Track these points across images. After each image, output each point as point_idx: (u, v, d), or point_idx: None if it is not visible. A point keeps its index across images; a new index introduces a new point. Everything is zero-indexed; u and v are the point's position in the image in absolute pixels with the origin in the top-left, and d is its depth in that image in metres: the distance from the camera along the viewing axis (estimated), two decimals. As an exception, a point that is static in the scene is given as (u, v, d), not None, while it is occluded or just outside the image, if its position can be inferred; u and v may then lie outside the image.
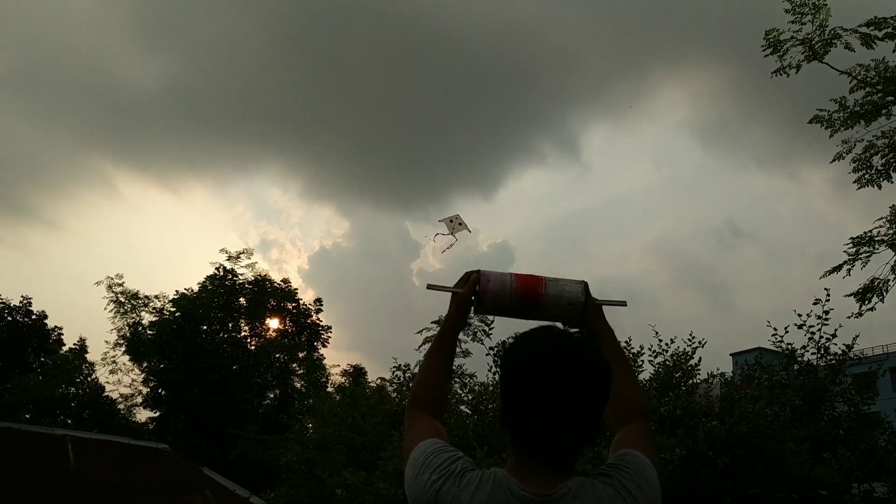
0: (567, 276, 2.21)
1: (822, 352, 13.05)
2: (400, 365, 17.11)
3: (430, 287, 2.22)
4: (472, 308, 2.17)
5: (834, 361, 12.90)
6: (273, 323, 35.60)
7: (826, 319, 12.81)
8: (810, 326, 12.87)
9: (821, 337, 12.96)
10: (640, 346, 15.03)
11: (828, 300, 12.53)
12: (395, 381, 17.02)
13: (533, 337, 1.74)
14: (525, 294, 2.12)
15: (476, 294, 2.13)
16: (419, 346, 29.01)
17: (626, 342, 15.04)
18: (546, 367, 1.65)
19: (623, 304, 2.23)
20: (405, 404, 2.25)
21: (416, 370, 15.26)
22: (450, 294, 2.16)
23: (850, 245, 9.62)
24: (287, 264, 70.09)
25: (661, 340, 14.24)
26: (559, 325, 1.83)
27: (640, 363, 14.66)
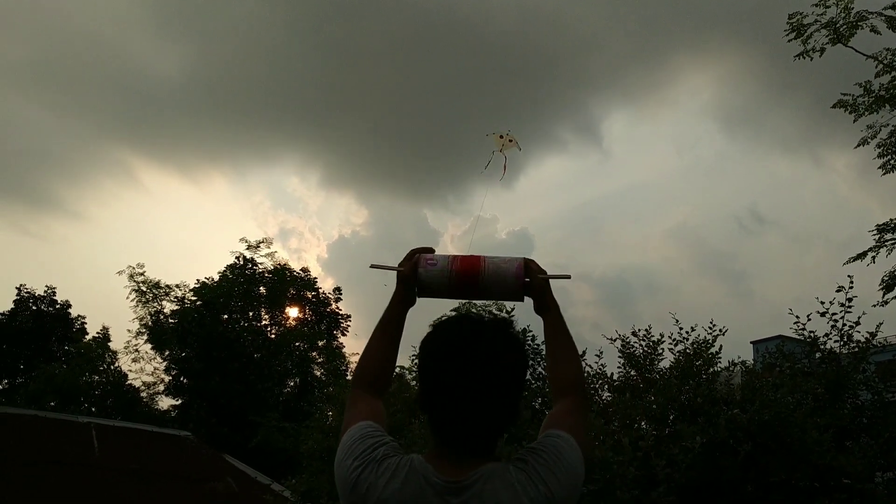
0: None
1: (845, 339, 12.90)
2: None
3: (373, 266, 2.24)
4: (416, 290, 2.18)
5: (857, 349, 12.76)
6: (293, 312, 35.75)
7: (850, 307, 12.66)
8: (833, 314, 12.73)
9: (844, 324, 12.81)
10: (661, 335, 14.94)
11: (851, 287, 12.38)
12: (415, 368, 17.00)
13: (446, 326, 1.78)
14: (463, 274, 2.13)
15: (417, 275, 2.14)
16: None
17: (646, 330, 14.99)
18: (457, 356, 1.68)
19: (567, 277, 2.20)
20: None
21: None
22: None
23: (875, 232, 9.48)
24: (306, 253, 70.31)
25: (681, 329, 14.16)
26: (479, 310, 1.83)
27: (661, 351, 14.58)
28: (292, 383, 35.16)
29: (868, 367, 12.60)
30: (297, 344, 34.48)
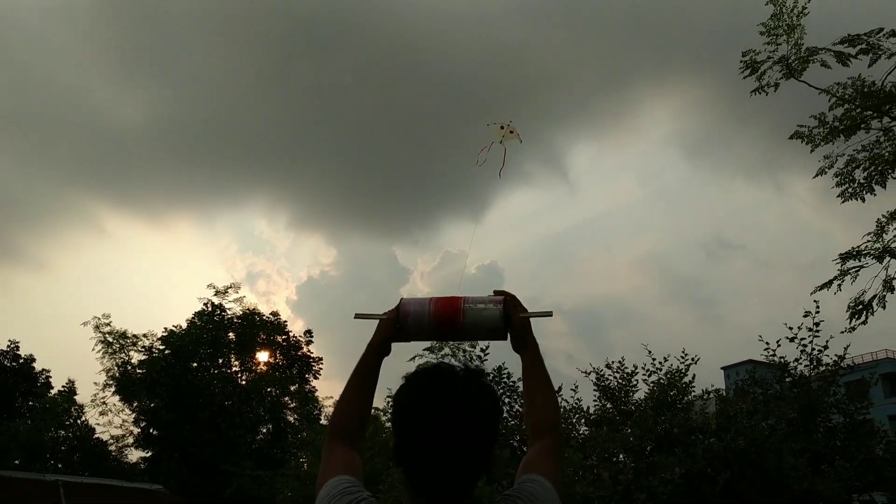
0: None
1: (815, 363, 13.13)
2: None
3: (357, 316, 2.25)
4: (398, 335, 2.19)
5: (827, 373, 12.98)
6: (263, 356, 35.32)
7: (817, 331, 12.91)
8: (802, 339, 12.97)
9: (812, 349, 13.05)
10: (634, 366, 15.07)
11: (818, 312, 12.64)
12: (390, 409, 16.88)
13: (419, 378, 1.78)
14: (442, 318, 2.14)
15: (398, 321, 2.15)
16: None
17: (619, 362, 15.10)
18: (429, 407, 1.68)
19: (549, 314, 2.22)
20: None
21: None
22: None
23: (839, 261, 9.72)
24: (275, 295, 69.83)
25: (654, 359, 14.30)
26: (449, 363, 1.87)
27: (635, 382, 14.69)
28: (265, 430, 34.61)
29: (839, 391, 12.81)
30: (268, 389, 34.02)
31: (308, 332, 37.67)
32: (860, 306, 9.80)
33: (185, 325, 33.82)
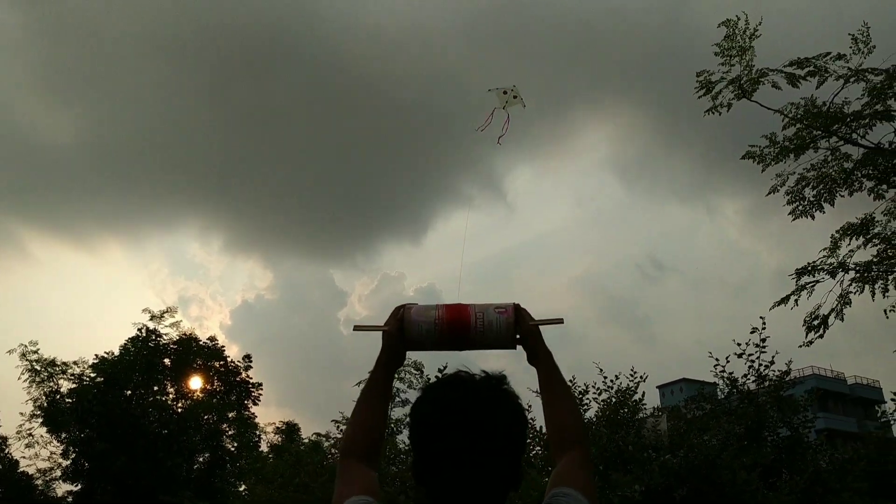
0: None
1: (761, 379, 13.44)
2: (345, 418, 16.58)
3: (356, 328, 2.12)
4: (404, 345, 2.06)
5: (771, 387, 13.32)
6: (196, 383, 34.23)
7: (764, 347, 13.25)
8: (749, 355, 13.29)
9: (760, 365, 13.38)
10: (585, 385, 15.17)
11: (764, 328, 12.97)
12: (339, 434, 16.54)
13: (439, 389, 1.70)
14: (452, 325, 2.01)
15: (403, 330, 2.02)
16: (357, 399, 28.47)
17: (570, 380, 15.13)
18: (453, 421, 1.59)
19: (560, 321, 2.09)
20: None
21: None
22: (380, 333, 2.05)
23: (794, 276, 9.98)
24: (208, 320, 68.20)
25: (605, 378, 14.43)
26: (468, 370, 1.75)
27: (587, 402, 14.79)
28: (201, 458, 33.60)
29: (784, 406, 13.13)
30: (205, 416, 33.07)
31: (247, 357, 36.89)
32: (816, 321, 10.06)
33: (117, 352, 32.71)
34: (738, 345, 13.24)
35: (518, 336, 2.05)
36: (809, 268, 9.83)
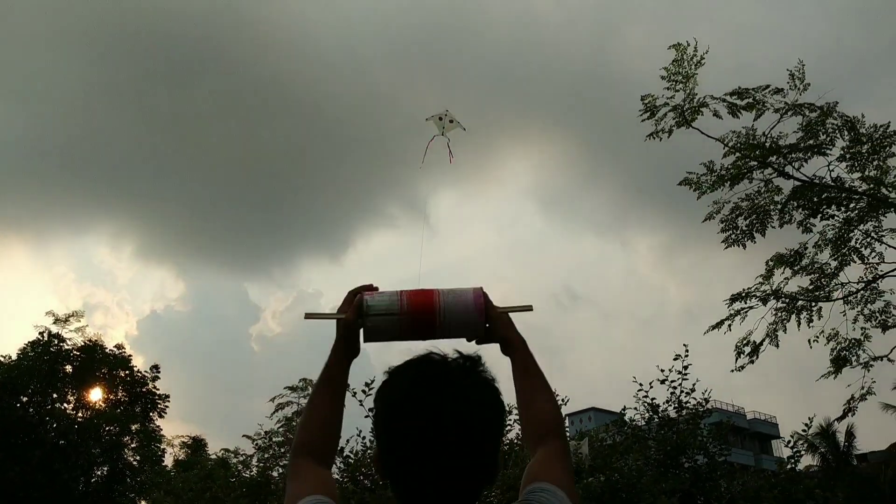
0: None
1: (681, 406, 13.64)
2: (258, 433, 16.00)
3: (308, 316, 1.93)
4: (362, 336, 1.87)
5: (689, 416, 13.53)
6: (96, 394, 32.56)
7: (686, 374, 13.45)
8: (672, 381, 13.47)
9: (681, 392, 13.57)
10: (508, 405, 15.05)
11: (687, 355, 13.19)
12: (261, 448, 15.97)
13: (406, 372, 1.50)
14: (416, 314, 1.84)
15: (362, 318, 1.83)
16: (272, 414, 27.72)
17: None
18: (423, 408, 1.41)
19: (529, 308, 1.96)
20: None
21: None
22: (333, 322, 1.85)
23: (728, 302, 10.15)
24: (113, 329, 65.51)
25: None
26: (440, 351, 1.57)
27: (510, 423, 14.72)
28: (99, 472, 32.01)
29: (701, 431, 13.35)
30: (107, 428, 31.55)
31: (155, 368, 35.46)
32: (747, 346, 10.26)
33: (14, 356, 30.96)
34: (662, 370, 13.40)
35: (487, 325, 1.88)
36: (743, 294, 10.05)
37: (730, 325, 10.16)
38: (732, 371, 10.81)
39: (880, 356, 10.43)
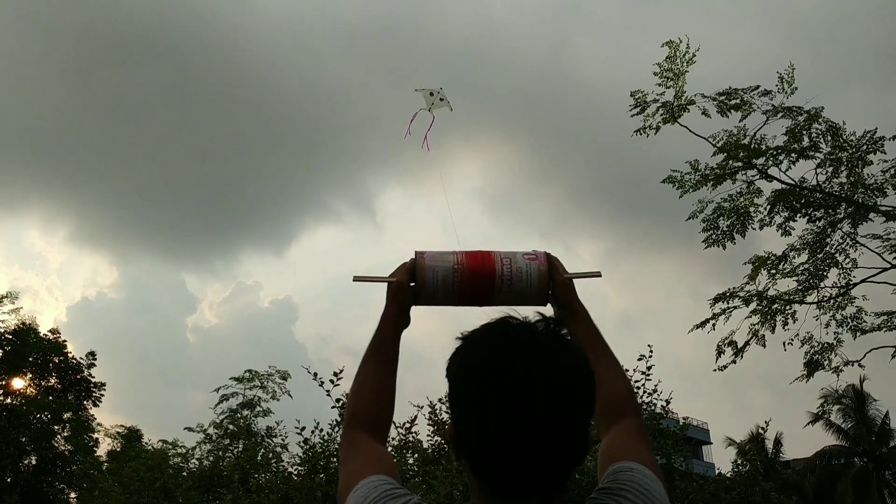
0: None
1: (644, 406, 13.68)
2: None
3: (357, 279, 1.80)
4: (415, 299, 1.76)
5: (649, 417, 13.59)
6: (18, 383, 31.19)
7: (649, 375, 13.49)
8: (636, 381, 13.48)
9: (644, 392, 13.60)
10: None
11: (651, 355, 13.22)
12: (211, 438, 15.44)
13: (487, 337, 1.30)
14: (476, 276, 1.71)
15: (415, 280, 1.72)
16: (215, 405, 26.98)
17: (440, 399, 14.95)
18: (514, 374, 1.21)
19: (598, 274, 1.82)
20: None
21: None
22: (385, 285, 1.74)
23: (712, 302, 10.20)
24: (41, 315, 62.64)
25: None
26: (517, 313, 1.37)
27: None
28: (27, 461, 30.75)
29: (666, 442, 13.41)
30: (37, 415, 30.31)
31: (91, 354, 34.28)
32: (729, 346, 10.32)
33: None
34: (627, 370, 13.41)
35: (550, 291, 1.74)
36: (728, 293, 10.09)
37: (713, 325, 10.22)
38: (714, 371, 10.83)
39: (853, 361, 10.66)
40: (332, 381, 12.56)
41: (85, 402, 33.55)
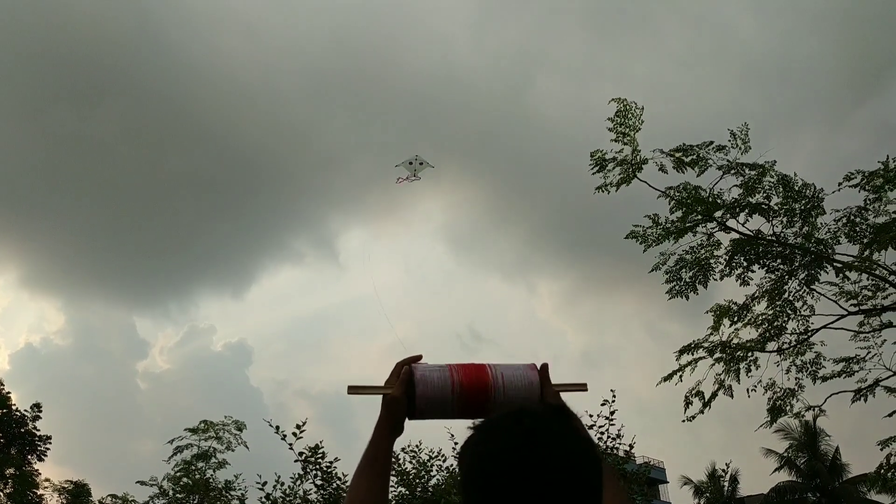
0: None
1: (609, 450, 13.79)
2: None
3: (352, 390, 1.82)
4: (409, 413, 1.79)
5: (615, 461, 13.69)
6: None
7: (612, 421, 13.62)
8: (600, 427, 13.60)
9: (608, 437, 13.72)
10: (431, 450, 15.02)
11: (614, 400, 13.37)
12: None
13: (502, 424, 1.35)
14: (470, 391, 1.77)
15: (410, 395, 1.76)
16: (169, 458, 26.25)
17: (416, 446, 14.86)
18: (527, 459, 1.27)
19: (584, 387, 1.87)
20: None
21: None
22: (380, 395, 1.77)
23: (678, 354, 10.37)
24: (-20, 363, 60.44)
25: (455, 443, 14.24)
26: (530, 405, 1.48)
27: (431, 467, 14.51)
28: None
29: (631, 487, 13.51)
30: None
31: (36, 406, 33.03)
32: (696, 396, 10.48)
33: None
34: (591, 416, 13.52)
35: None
36: (693, 345, 10.28)
37: (680, 377, 10.38)
38: (683, 421, 10.98)
39: (813, 406, 10.95)
40: (294, 433, 12.44)
41: (29, 457, 32.26)
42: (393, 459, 11.90)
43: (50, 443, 32.91)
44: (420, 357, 1.83)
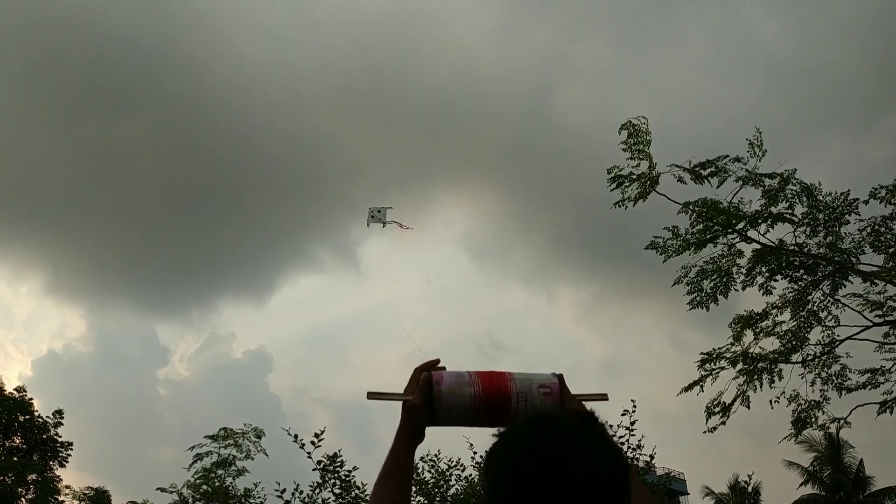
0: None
1: (629, 461, 13.70)
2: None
3: (371, 396, 1.85)
4: (430, 420, 1.79)
5: (638, 471, 13.59)
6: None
7: (633, 431, 13.53)
8: (620, 437, 13.50)
9: (629, 448, 13.61)
10: (450, 460, 15.05)
11: (634, 410, 13.27)
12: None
13: (527, 430, 1.34)
14: (491, 399, 1.77)
15: (432, 405, 1.75)
16: (190, 465, 26.34)
17: (435, 454, 14.87)
18: (553, 465, 1.25)
19: (604, 397, 1.90)
20: None
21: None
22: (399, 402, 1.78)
23: (699, 363, 10.29)
24: (6, 370, 61.06)
25: (475, 453, 14.22)
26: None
27: (451, 477, 14.48)
28: (-14, 527, 29.70)
29: (655, 489, 13.40)
30: (1, 478, 29.38)
31: (58, 413, 33.36)
32: (717, 406, 10.38)
33: None
34: (611, 426, 13.43)
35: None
36: (714, 354, 10.19)
37: (702, 387, 10.29)
38: (705, 432, 10.89)
39: (838, 418, 10.80)
40: (312, 442, 12.44)
41: (51, 463, 32.57)
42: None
43: (71, 449, 33.23)
44: (438, 361, 1.83)
